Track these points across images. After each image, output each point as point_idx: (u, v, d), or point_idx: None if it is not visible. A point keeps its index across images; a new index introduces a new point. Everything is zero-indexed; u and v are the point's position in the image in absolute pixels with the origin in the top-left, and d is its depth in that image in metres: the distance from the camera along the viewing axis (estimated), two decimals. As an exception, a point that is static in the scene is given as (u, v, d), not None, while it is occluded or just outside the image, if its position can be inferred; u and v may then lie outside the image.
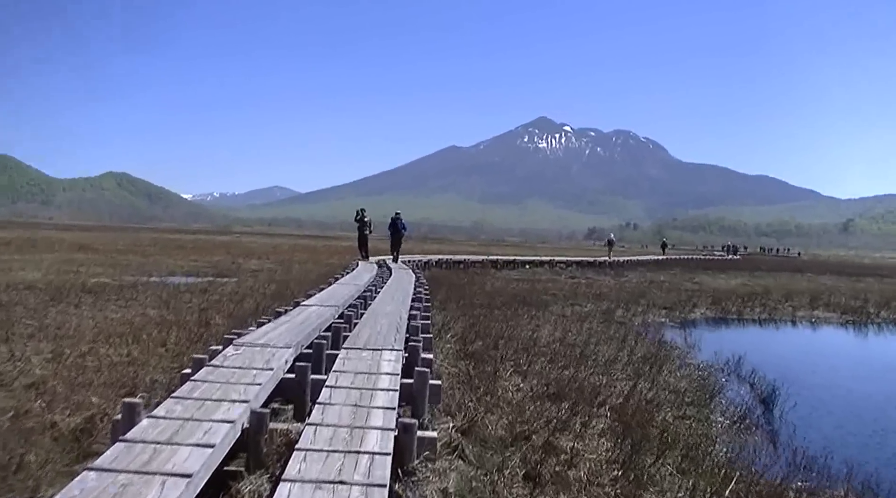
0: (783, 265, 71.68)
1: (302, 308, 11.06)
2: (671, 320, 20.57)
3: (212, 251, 47.00)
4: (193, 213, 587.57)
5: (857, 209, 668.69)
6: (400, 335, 8.71)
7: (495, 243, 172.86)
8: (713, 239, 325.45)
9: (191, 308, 15.79)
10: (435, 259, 38.79)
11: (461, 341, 12.59)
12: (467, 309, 17.74)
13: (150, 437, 4.58)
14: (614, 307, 21.14)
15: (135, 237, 73.26)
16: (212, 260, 37.08)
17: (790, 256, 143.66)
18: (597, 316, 18.75)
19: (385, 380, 6.45)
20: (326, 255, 49.55)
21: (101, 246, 47.32)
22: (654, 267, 53.13)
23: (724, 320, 22.35)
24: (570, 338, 13.94)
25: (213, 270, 30.56)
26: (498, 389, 8.89)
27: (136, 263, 32.61)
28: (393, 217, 29.55)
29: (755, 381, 12.06)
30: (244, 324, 11.91)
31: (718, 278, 42.42)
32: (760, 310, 24.34)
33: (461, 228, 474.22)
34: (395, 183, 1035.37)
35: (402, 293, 14.40)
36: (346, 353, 7.51)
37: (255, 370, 6.45)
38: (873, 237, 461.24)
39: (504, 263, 43.31)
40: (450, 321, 14.89)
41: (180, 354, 10.29)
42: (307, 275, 26.98)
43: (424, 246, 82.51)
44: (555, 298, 23.01)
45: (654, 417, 8.29)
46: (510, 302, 20.15)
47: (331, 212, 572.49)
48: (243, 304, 16.55)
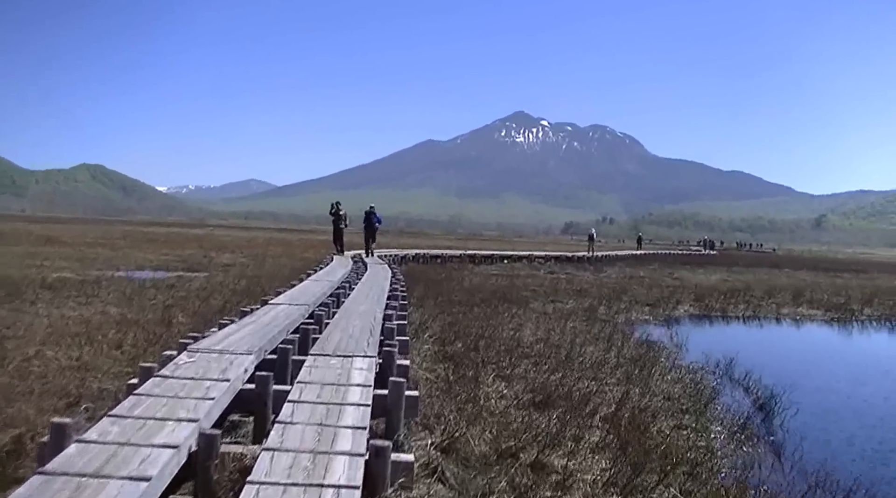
0: (760, 261, 71.72)
1: (269, 307, 10.31)
2: (655, 318, 20.00)
3: (184, 245, 45.97)
4: (168, 206, 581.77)
5: (829, 205, 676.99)
6: (374, 338, 7.99)
7: (472, 237, 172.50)
8: (688, 234, 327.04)
9: (154, 305, 14.99)
10: (412, 253, 38.10)
11: (440, 342, 11.93)
12: (446, 306, 17.07)
13: (76, 467, 3.85)
14: (597, 304, 20.56)
15: (106, 230, 71.84)
16: (183, 254, 36.13)
17: (765, 252, 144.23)
18: (579, 314, 18.15)
19: (356, 392, 5.74)
20: (301, 249, 48.69)
21: (69, 239, 46.09)
22: (633, 262, 52.73)
23: (708, 318, 21.82)
24: (554, 338, 13.33)
25: (184, 265, 29.66)
26: (480, 397, 8.23)
27: (104, 256, 31.61)
28: (367, 210, 28.73)
29: (750, 384, 11.47)
30: (208, 323, 11.16)
31: (698, 274, 42.07)
32: (744, 307, 23.86)
33: (438, 223, 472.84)
34: (372, 177, 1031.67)
35: (378, 290, 13.69)
36: (313, 360, 6.77)
37: (209, 381, 5.72)
38: (845, 233, 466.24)
39: (482, 258, 42.72)
40: (427, 320, 14.21)
41: (137, 358, 9.54)
42: (280, 270, 26.18)
43: (401, 240, 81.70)
44: (535, 294, 22.41)
45: (650, 427, 7.67)
46: (490, 299, 19.51)
47: (307, 205, 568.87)
48: (210, 301, 15.77)
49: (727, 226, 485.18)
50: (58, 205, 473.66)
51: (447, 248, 58.81)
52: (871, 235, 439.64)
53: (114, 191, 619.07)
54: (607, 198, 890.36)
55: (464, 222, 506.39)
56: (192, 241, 54.13)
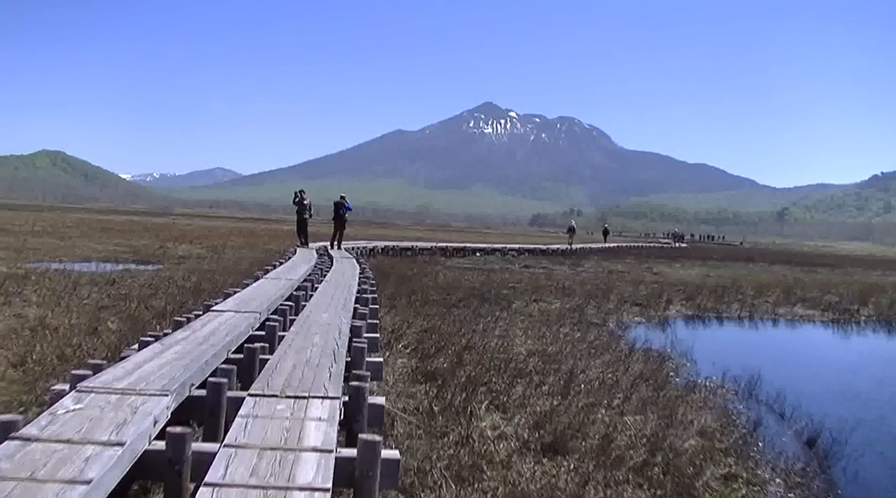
0: (733, 254, 70.77)
1: (212, 315, 8.43)
2: (647, 320, 18.23)
3: (140, 234, 43.54)
4: (132, 194, 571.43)
5: (791, 198, 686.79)
6: (338, 367, 6.13)
7: (441, 228, 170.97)
8: (654, 226, 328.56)
9: (86, 307, 13.02)
10: (381, 246, 36.17)
11: (417, 354, 10.16)
12: (420, 307, 15.29)
13: None
14: (583, 304, 18.86)
15: (60, 217, 68.71)
16: (137, 244, 33.85)
17: (733, 244, 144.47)
18: (567, 316, 16.44)
19: (309, 463, 3.91)
20: (265, 239, 46.52)
21: (16, 227, 43.40)
22: (609, 255, 51.31)
23: (702, 319, 20.09)
24: (548, 348, 11.59)
25: (134, 256, 27.49)
26: (474, 436, 6.46)
27: (49, 246, 29.28)
28: (336, 201, 26.74)
29: (784, 410, 9.76)
30: (142, 330, 9.27)
31: (676, 268, 40.71)
32: (738, 307, 22.23)
33: (406, 213, 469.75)
34: (340, 166, 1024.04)
35: (344, 291, 11.81)
36: (253, 404, 4.90)
37: (92, 447, 3.86)
38: (806, 226, 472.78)
39: (454, 251, 40.94)
40: (401, 325, 12.41)
41: (41, 378, 7.65)
42: (238, 263, 24.18)
43: (369, 231, 79.65)
44: (515, 292, 20.67)
45: (695, 482, 5.94)
46: (468, 297, 17.76)
47: (274, 194, 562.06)
48: (153, 300, 13.80)
49: (692, 218, 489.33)
50: (16, 191, 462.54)
51: (417, 239, 56.94)
52: (832, 228, 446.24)
53: (75, 178, 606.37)
54: (574, 189, 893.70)
55: (432, 213, 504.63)
56: (150, 230, 51.59)
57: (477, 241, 60.58)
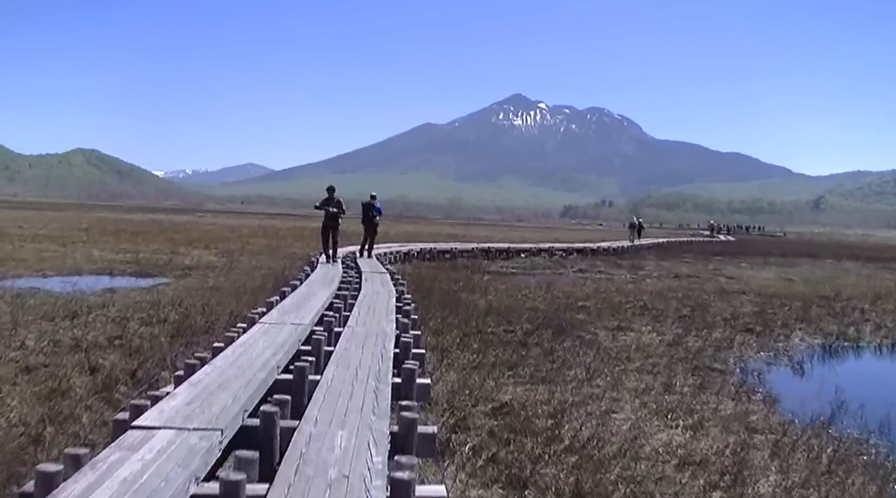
0: (788, 248, 65.78)
1: (140, 436, 4.44)
2: (772, 356, 13.60)
3: (154, 237, 40.08)
4: (165, 191, 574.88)
5: (827, 186, 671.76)
6: None
7: (473, 222, 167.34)
8: (688, 217, 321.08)
9: (42, 351, 9.34)
10: (416, 249, 32.20)
11: (494, 467, 6.14)
12: (479, 348, 11.28)
13: None
14: (681, 332, 14.66)
15: (78, 217, 65.83)
16: (144, 250, 30.30)
17: (776, 235, 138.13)
18: (672, 355, 12.29)
19: None
20: (290, 240, 42.92)
21: (22, 230, 40.19)
22: (664, 254, 46.84)
23: (836, 350, 15.26)
24: (693, 437, 7.47)
25: (134, 267, 23.88)
26: None
27: (40, 255, 25.80)
28: (365, 202, 22.55)
29: None
30: (39, 447, 5.41)
31: (743, 268, 36.24)
32: (870, 328, 17.54)
33: (436, 206, 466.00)
34: (370, 160, 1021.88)
35: (376, 345, 7.81)
36: None
37: None
38: (844, 214, 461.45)
39: (497, 252, 36.87)
40: (460, 391, 8.43)
41: None
42: (250, 278, 20.39)
43: (401, 226, 75.97)
44: (589, 314, 16.51)
45: None
46: (537, 328, 13.68)
47: (305, 189, 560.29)
48: (107, 353, 9.85)
49: (726, 208, 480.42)
50: (52, 190, 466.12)
51: (451, 237, 53.16)
52: (870, 216, 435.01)
53: (109, 175, 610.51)
54: (605, 180, 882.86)
55: (462, 206, 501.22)
56: (167, 231, 48.24)
57: (514, 237, 56.56)
